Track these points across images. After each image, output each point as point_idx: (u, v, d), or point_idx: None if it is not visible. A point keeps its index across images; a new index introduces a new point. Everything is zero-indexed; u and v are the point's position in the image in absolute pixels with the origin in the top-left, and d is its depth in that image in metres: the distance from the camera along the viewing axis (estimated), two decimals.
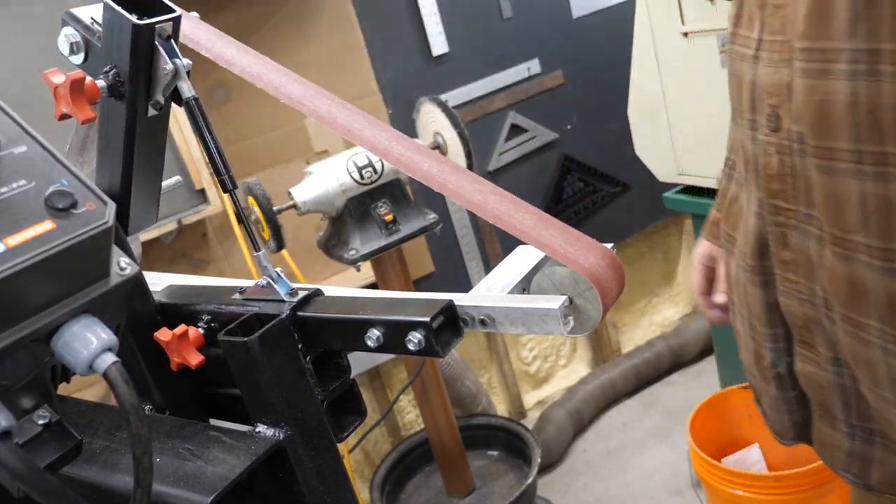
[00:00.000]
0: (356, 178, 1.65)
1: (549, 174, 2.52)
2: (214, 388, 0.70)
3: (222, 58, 0.71)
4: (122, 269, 0.51)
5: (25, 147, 0.50)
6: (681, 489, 2.26)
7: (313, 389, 0.63)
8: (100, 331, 0.48)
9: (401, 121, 2.20)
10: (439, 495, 2.17)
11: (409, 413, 2.55)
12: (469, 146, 1.66)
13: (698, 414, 1.94)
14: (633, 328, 2.97)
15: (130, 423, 0.46)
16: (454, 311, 0.59)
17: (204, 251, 1.99)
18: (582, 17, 2.44)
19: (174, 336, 0.63)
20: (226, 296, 0.69)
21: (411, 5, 2.17)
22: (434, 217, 1.75)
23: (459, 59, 2.27)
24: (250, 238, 0.68)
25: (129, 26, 0.58)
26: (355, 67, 2.12)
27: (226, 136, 1.98)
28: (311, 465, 0.61)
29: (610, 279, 0.59)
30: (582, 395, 2.63)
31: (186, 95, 0.63)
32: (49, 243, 0.45)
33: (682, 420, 2.51)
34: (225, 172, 0.65)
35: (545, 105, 2.45)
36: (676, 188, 2.02)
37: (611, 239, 0.62)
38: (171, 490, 0.55)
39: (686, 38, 1.74)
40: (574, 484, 2.42)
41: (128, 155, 0.66)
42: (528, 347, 2.77)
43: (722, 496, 1.74)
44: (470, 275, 2.42)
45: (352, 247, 1.66)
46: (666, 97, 1.87)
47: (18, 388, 0.50)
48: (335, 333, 0.62)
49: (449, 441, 2.05)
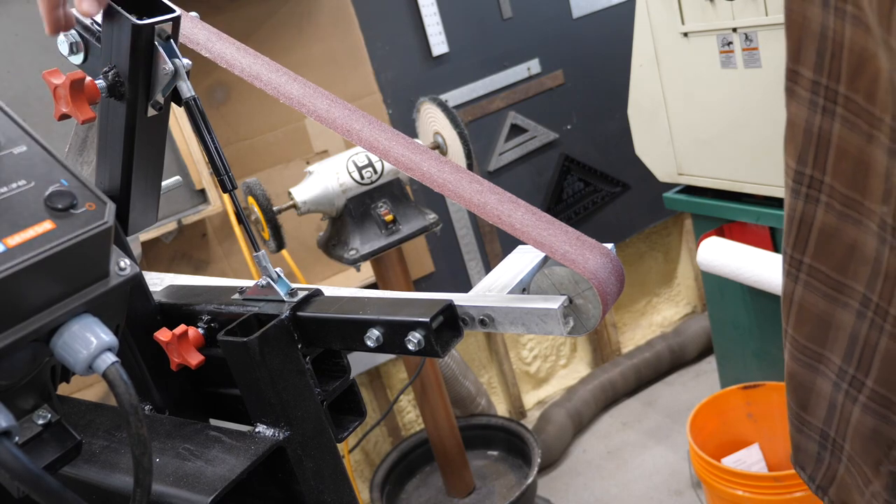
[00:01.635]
0: (356, 178, 1.65)
1: (549, 174, 2.52)
2: (214, 388, 0.70)
3: (222, 58, 0.71)
4: (121, 270, 0.51)
5: (25, 147, 0.50)
6: (681, 489, 2.26)
7: (313, 389, 0.63)
8: (99, 331, 0.48)
9: (401, 121, 2.20)
10: (439, 495, 2.17)
11: (409, 413, 2.55)
12: (469, 146, 1.66)
13: (698, 414, 1.94)
14: (633, 328, 2.97)
15: (130, 423, 0.46)
16: (454, 311, 0.59)
17: (204, 251, 1.99)
18: (582, 17, 2.44)
19: (174, 336, 0.63)
20: (226, 296, 0.69)
21: (411, 5, 2.17)
22: (434, 217, 1.75)
23: (459, 59, 2.27)
24: (250, 238, 0.69)
25: (129, 26, 0.58)
26: (355, 67, 2.12)
27: (226, 136, 1.98)
28: (310, 465, 0.61)
29: (610, 279, 0.59)
30: (582, 395, 2.63)
31: (186, 95, 0.63)
32: (49, 243, 0.45)
33: (682, 420, 2.52)
34: (225, 172, 0.65)
35: (545, 105, 2.45)
36: (676, 188, 2.02)
37: (611, 239, 0.62)
38: (171, 490, 0.55)
39: (686, 38, 1.74)
40: (574, 484, 2.42)
41: (128, 155, 0.66)
42: (528, 347, 2.77)
43: (722, 496, 1.74)
44: (470, 275, 2.42)
45: (352, 247, 1.66)
46: (666, 97, 1.87)
47: (18, 388, 0.50)
48: (335, 333, 0.62)
49: (449, 441, 2.05)
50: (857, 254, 0.58)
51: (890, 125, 0.50)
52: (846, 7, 0.50)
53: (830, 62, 0.53)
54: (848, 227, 0.58)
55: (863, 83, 0.51)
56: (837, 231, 0.59)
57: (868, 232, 0.56)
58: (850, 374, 0.62)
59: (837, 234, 0.59)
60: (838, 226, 0.58)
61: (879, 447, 0.62)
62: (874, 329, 0.58)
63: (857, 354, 0.61)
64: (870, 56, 0.50)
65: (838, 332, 0.62)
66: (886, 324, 0.57)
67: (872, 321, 0.58)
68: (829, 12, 0.52)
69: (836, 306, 0.61)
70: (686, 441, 2.36)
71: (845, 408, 0.64)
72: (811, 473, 0.73)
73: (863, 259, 0.58)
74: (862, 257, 0.58)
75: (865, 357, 0.60)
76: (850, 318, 0.61)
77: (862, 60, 0.51)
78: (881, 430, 0.61)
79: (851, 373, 0.62)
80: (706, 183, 1.88)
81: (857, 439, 0.64)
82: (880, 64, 0.49)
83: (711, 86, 1.72)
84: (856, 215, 0.57)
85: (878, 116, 0.51)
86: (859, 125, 0.53)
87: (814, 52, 0.54)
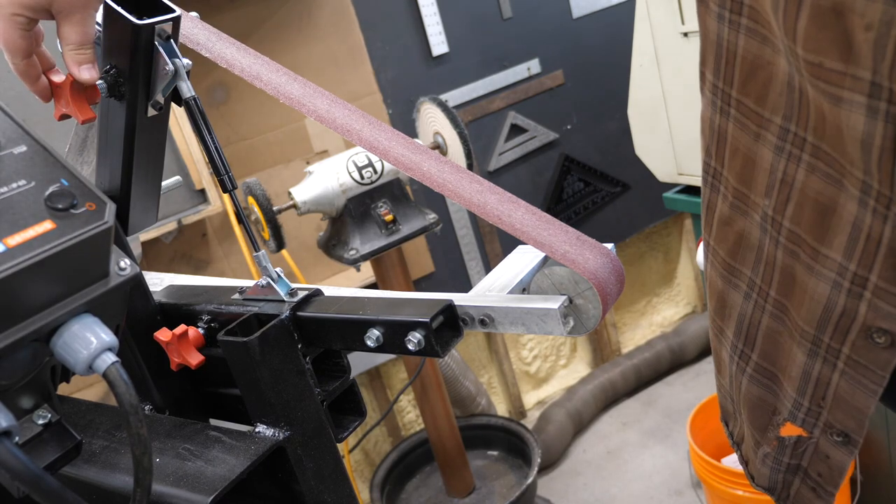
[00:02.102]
0: (356, 178, 1.65)
1: (549, 174, 2.52)
2: (214, 388, 0.70)
3: (222, 58, 0.71)
4: (121, 270, 0.51)
5: (25, 147, 0.50)
6: (681, 489, 2.26)
7: (313, 389, 0.63)
8: (99, 331, 0.48)
9: (401, 121, 2.20)
10: (439, 495, 2.17)
11: (409, 413, 2.55)
12: (469, 146, 1.66)
13: (698, 414, 1.94)
14: (633, 328, 2.97)
15: (130, 423, 0.46)
16: (454, 311, 0.59)
17: (204, 251, 1.99)
18: (582, 17, 2.44)
19: (174, 336, 0.63)
20: (226, 296, 0.69)
21: (411, 5, 2.17)
22: (434, 217, 1.75)
23: (459, 59, 2.27)
24: (250, 238, 0.69)
25: (129, 26, 0.58)
26: (355, 67, 2.12)
27: (226, 136, 1.98)
28: (310, 465, 0.61)
29: (610, 279, 0.59)
30: (582, 395, 2.63)
31: (186, 95, 0.63)
32: (49, 243, 0.45)
33: (682, 420, 2.52)
34: (225, 172, 0.65)
35: (545, 105, 2.45)
36: (676, 188, 2.02)
37: (611, 239, 0.63)
38: (171, 490, 0.55)
39: (686, 38, 1.74)
40: (574, 484, 2.42)
41: (128, 155, 0.66)
42: (528, 347, 2.77)
43: (722, 496, 1.74)
44: (470, 275, 2.42)
45: (352, 247, 1.66)
46: (666, 97, 1.87)
47: (18, 388, 0.50)
48: (335, 333, 0.62)
49: (449, 441, 2.05)
50: (744, 241, 0.65)
51: (779, 125, 0.56)
52: (741, 20, 0.56)
53: (725, 68, 0.60)
54: (737, 216, 0.64)
55: (754, 87, 0.57)
56: (730, 219, 0.66)
57: (752, 223, 0.63)
58: (740, 349, 0.70)
59: (730, 223, 0.66)
60: (731, 215, 0.65)
61: (765, 414, 0.69)
62: (758, 309, 0.65)
63: (745, 331, 0.68)
64: (763, 63, 0.56)
65: (731, 310, 0.69)
66: (767, 304, 0.64)
67: (756, 302, 0.65)
68: (724, 24, 0.58)
69: (729, 287, 0.69)
70: (686, 441, 2.36)
71: (736, 378, 0.72)
72: (731, 429, 0.81)
73: (749, 246, 0.64)
74: (748, 245, 0.64)
75: (751, 334, 0.67)
76: (738, 299, 0.68)
77: (754, 67, 0.57)
78: (765, 398, 0.69)
79: (741, 347, 0.69)
80: None
81: (746, 407, 0.72)
82: (775, 69, 0.55)
83: None
84: (743, 207, 0.63)
85: (766, 118, 0.57)
86: (748, 125, 0.59)
87: (713, 58, 0.61)
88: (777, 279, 0.61)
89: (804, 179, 0.55)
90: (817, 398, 0.61)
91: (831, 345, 0.57)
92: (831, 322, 0.56)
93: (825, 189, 0.53)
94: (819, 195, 0.54)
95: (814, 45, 0.47)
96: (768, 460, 0.71)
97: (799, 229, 0.57)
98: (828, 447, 0.64)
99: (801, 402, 0.63)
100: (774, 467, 0.70)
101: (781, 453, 0.69)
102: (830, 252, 0.54)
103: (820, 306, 0.57)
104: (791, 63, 0.51)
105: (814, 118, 0.52)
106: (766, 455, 0.71)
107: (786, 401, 0.65)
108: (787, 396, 0.65)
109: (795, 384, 0.63)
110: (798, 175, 0.55)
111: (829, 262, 0.54)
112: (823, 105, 0.49)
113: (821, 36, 0.46)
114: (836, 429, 0.62)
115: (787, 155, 0.56)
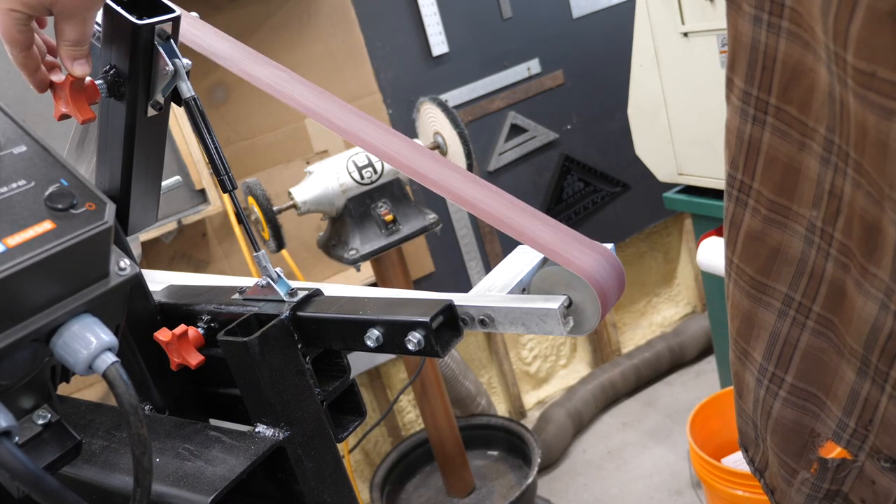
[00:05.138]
0: (356, 178, 1.65)
1: (549, 174, 2.52)
2: (214, 388, 0.70)
3: (222, 58, 0.71)
4: (121, 269, 0.51)
5: (25, 147, 0.50)
6: (681, 489, 2.26)
7: (313, 389, 0.63)
8: (99, 331, 0.48)
9: (401, 121, 2.20)
10: (439, 495, 2.17)
11: (409, 413, 2.55)
12: (469, 146, 1.66)
13: (698, 414, 1.94)
14: (633, 328, 2.97)
15: (130, 423, 0.46)
16: (454, 311, 0.59)
17: (204, 251, 1.99)
18: (582, 17, 2.44)
19: (174, 336, 0.63)
20: (226, 296, 0.69)
21: (411, 5, 2.17)
22: (434, 217, 1.75)
23: (459, 59, 2.27)
24: (250, 238, 0.69)
25: (128, 26, 0.58)
26: (355, 67, 2.12)
27: (226, 136, 1.98)
28: (310, 465, 0.61)
29: (610, 280, 0.59)
30: (582, 395, 2.63)
31: (186, 95, 0.63)
32: (49, 243, 0.45)
33: (682, 420, 2.52)
34: (225, 172, 0.65)
35: (545, 105, 2.45)
36: (676, 188, 2.02)
37: (611, 239, 0.62)
38: (171, 490, 0.55)
39: (686, 37, 1.74)
40: (574, 484, 2.42)
41: (128, 155, 0.66)
42: (528, 347, 2.77)
43: (722, 496, 1.74)
44: (470, 275, 2.42)
45: (352, 247, 1.66)
46: (666, 97, 1.87)
47: (18, 388, 0.50)
48: (335, 333, 0.62)
49: (449, 441, 2.05)
50: (781, 256, 0.61)
51: (823, 135, 0.53)
52: (781, 23, 0.52)
53: (761, 74, 0.56)
54: (773, 230, 0.61)
55: (796, 95, 0.54)
56: (763, 234, 0.62)
57: (794, 235, 0.59)
58: (771, 372, 0.66)
59: (762, 238, 0.62)
60: (763, 229, 0.62)
61: (801, 438, 0.65)
62: (796, 326, 0.62)
63: (777, 352, 0.64)
64: (805, 69, 0.52)
65: (761, 331, 0.65)
66: (809, 320, 0.60)
67: (794, 319, 0.62)
68: (762, 27, 0.54)
69: (758, 307, 0.65)
70: (686, 441, 2.36)
71: (765, 402, 0.68)
72: (752, 455, 0.76)
73: (786, 261, 0.61)
74: (786, 259, 0.61)
75: (785, 354, 0.64)
76: (771, 318, 0.64)
77: (796, 73, 0.53)
78: (802, 421, 0.64)
79: (771, 370, 0.66)
80: (706, 183, 1.88)
81: (777, 433, 0.68)
82: (817, 77, 0.51)
83: (711, 86, 1.72)
84: (781, 219, 0.60)
85: (811, 126, 0.54)
86: (790, 134, 0.56)
87: (745, 63, 0.57)
88: (824, 293, 0.58)
89: (851, 193, 0.52)
90: (864, 420, 0.58)
91: (879, 367, 0.54)
92: (878, 344, 0.53)
93: (869, 207, 0.50)
94: (864, 212, 0.51)
95: (867, 53, 0.44)
96: (805, 487, 0.66)
97: (850, 242, 0.53)
98: (874, 472, 0.59)
99: (846, 422, 0.60)
100: (812, 494, 0.66)
101: (822, 479, 0.65)
102: (878, 271, 0.51)
103: (868, 325, 0.54)
104: (833, 73, 0.48)
105: (854, 133, 0.49)
106: (803, 481, 0.67)
107: (830, 421, 0.62)
108: (831, 416, 0.61)
109: (842, 403, 0.59)
110: (846, 188, 0.52)
111: (878, 282, 0.52)
112: (868, 119, 0.46)
113: (876, 43, 0.43)
114: (884, 454, 0.58)
115: (834, 167, 0.53)
